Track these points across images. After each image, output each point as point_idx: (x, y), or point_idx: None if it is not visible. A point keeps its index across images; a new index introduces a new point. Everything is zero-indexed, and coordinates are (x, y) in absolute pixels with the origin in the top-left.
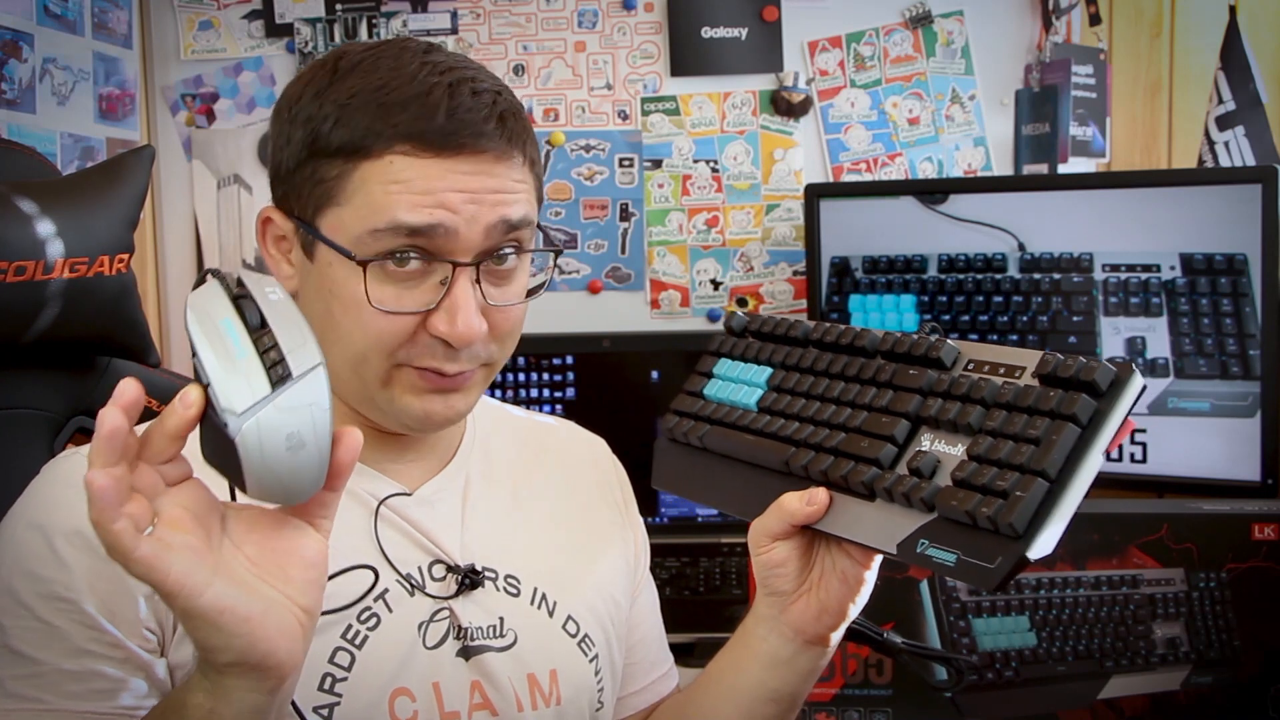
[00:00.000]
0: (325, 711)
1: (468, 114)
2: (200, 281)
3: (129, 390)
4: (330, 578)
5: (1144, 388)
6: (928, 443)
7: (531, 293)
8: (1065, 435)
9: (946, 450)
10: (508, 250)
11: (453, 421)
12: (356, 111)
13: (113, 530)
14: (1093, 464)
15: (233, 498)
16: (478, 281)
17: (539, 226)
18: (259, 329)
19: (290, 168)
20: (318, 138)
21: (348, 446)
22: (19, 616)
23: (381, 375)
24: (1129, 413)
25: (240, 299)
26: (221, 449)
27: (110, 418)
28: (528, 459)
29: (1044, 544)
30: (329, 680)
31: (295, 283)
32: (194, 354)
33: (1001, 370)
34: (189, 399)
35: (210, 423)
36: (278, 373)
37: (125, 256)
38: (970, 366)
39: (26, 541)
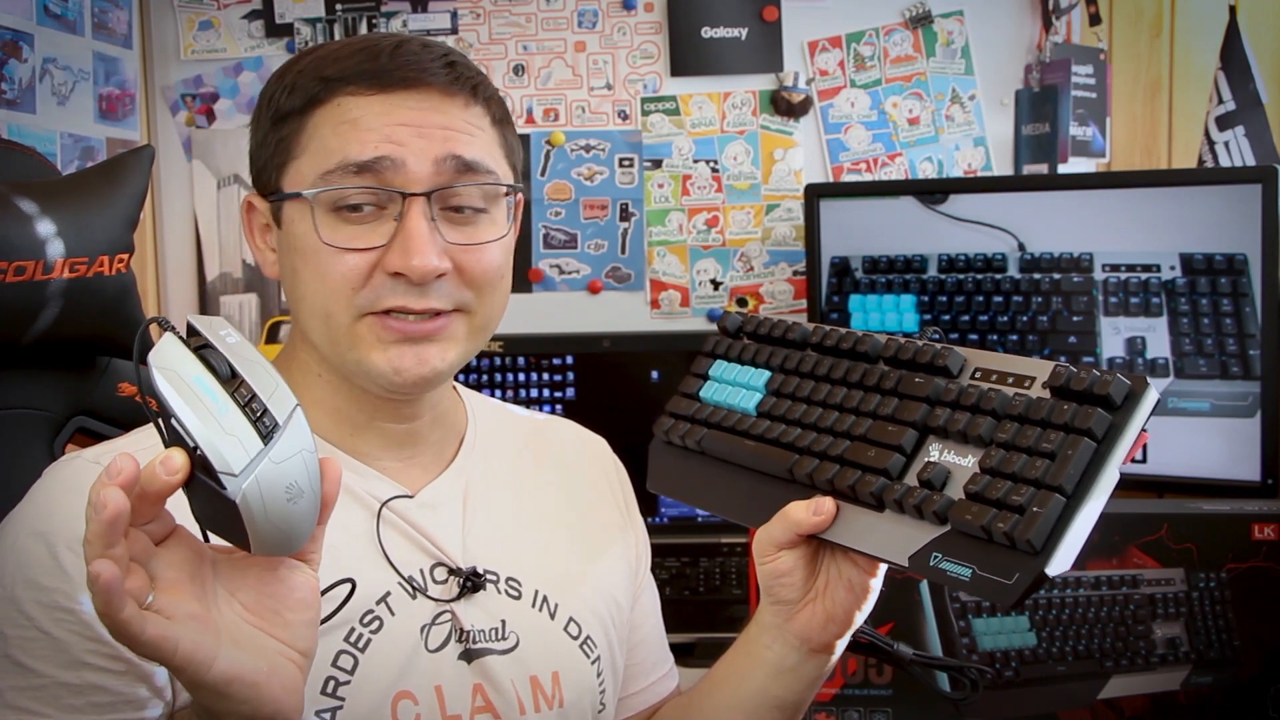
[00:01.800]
0: (328, 715)
1: (413, 55)
2: (144, 333)
3: (127, 468)
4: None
5: (1158, 401)
6: (936, 453)
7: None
8: (1081, 450)
9: (957, 461)
10: (466, 188)
11: (427, 379)
12: (311, 73)
13: (119, 620)
14: (1109, 479)
15: (205, 537)
16: (434, 219)
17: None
18: (230, 379)
19: (259, 144)
20: (277, 109)
21: (331, 480)
22: (20, 626)
23: (347, 330)
24: (1144, 426)
25: (202, 349)
26: (219, 511)
27: (112, 500)
28: (529, 459)
29: (1062, 560)
30: (332, 684)
31: (277, 268)
32: (170, 416)
33: (1010, 380)
34: (173, 465)
35: (201, 485)
36: (265, 425)
37: (125, 256)
38: (978, 375)
39: (29, 549)
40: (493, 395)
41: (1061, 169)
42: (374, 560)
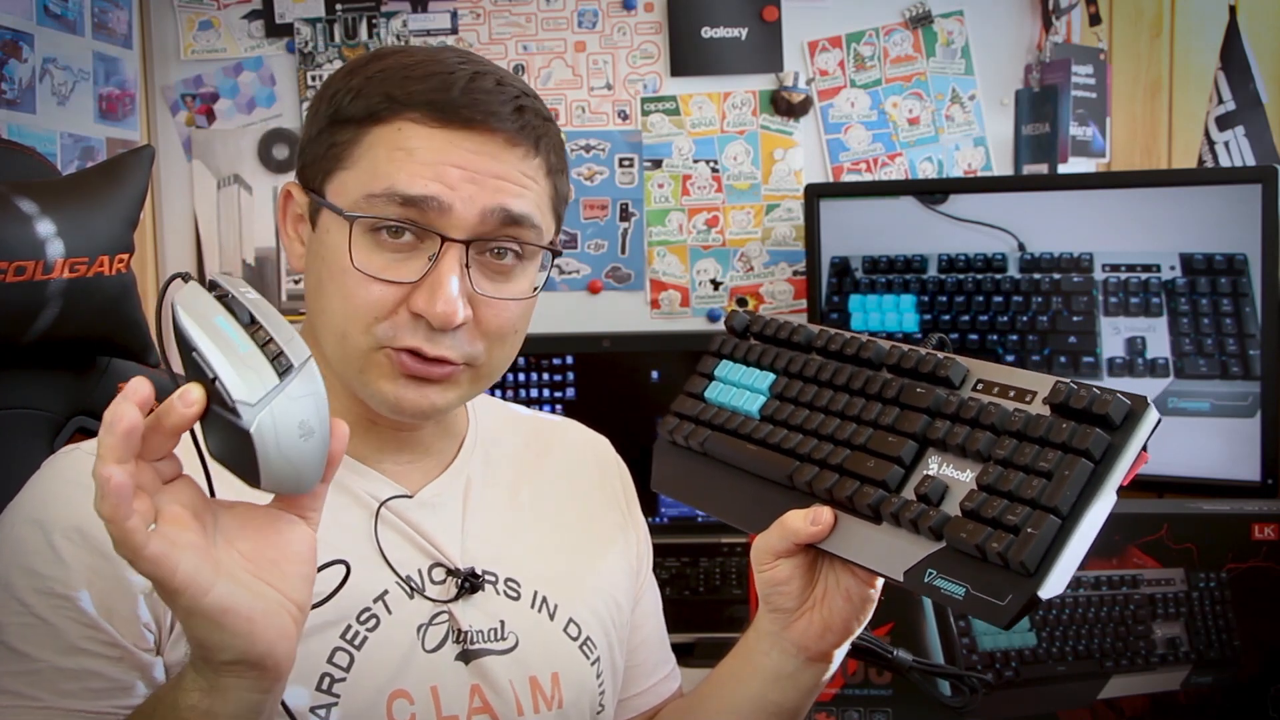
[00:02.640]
0: (323, 712)
1: (485, 95)
2: (168, 284)
3: (142, 388)
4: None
5: (1159, 421)
6: (935, 466)
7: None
8: (1078, 471)
9: (955, 476)
10: (505, 244)
11: (426, 414)
12: (379, 84)
13: (125, 526)
14: (1105, 502)
15: (211, 492)
16: (468, 266)
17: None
18: (250, 324)
19: (312, 137)
20: (339, 108)
21: (339, 437)
22: (16, 613)
23: (360, 356)
24: (1143, 447)
25: (223, 298)
26: (231, 442)
27: (127, 414)
28: (530, 459)
29: (1055, 583)
30: (327, 680)
31: (304, 262)
32: (191, 350)
33: (1012, 394)
34: (190, 397)
35: (216, 418)
36: (281, 364)
37: (125, 256)
38: (979, 387)
39: (25, 537)
40: (492, 395)
41: (1061, 169)
42: (372, 560)
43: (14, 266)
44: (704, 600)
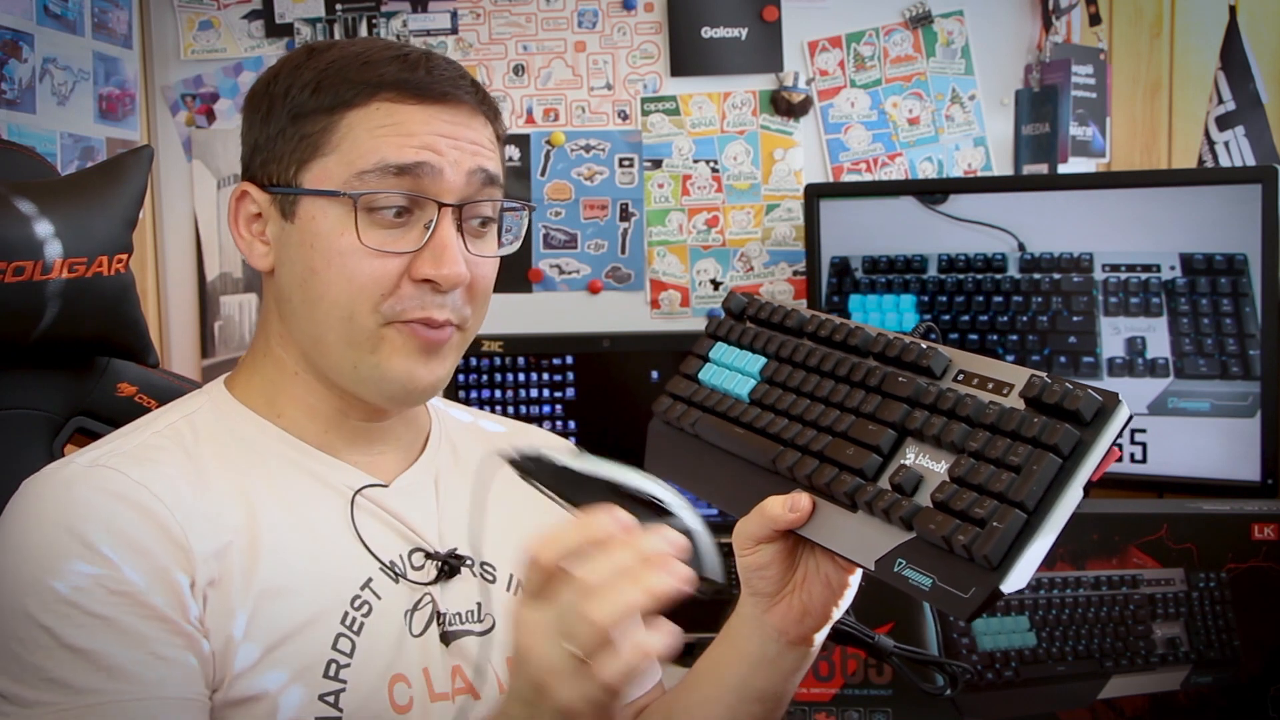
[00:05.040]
0: (332, 699)
1: (444, 71)
2: (526, 463)
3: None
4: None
5: (1130, 418)
6: (912, 456)
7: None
8: (1045, 466)
9: (929, 466)
10: (486, 201)
11: (428, 391)
12: (338, 74)
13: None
14: (1072, 497)
15: None
16: (460, 230)
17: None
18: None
19: (270, 136)
20: (300, 104)
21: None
22: (65, 616)
23: (369, 335)
24: (1113, 444)
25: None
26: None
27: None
28: (497, 459)
29: (1018, 577)
30: (334, 667)
31: (270, 259)
32: (668, 515)
33: (990, 385)
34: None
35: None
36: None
37: (124, 257)
38: (960, 377)
39: (64, 544)
40: (492, 395)
41: (1061, 169)
42: (354, 548)
43: (12, 267)
44: (704, 600)
